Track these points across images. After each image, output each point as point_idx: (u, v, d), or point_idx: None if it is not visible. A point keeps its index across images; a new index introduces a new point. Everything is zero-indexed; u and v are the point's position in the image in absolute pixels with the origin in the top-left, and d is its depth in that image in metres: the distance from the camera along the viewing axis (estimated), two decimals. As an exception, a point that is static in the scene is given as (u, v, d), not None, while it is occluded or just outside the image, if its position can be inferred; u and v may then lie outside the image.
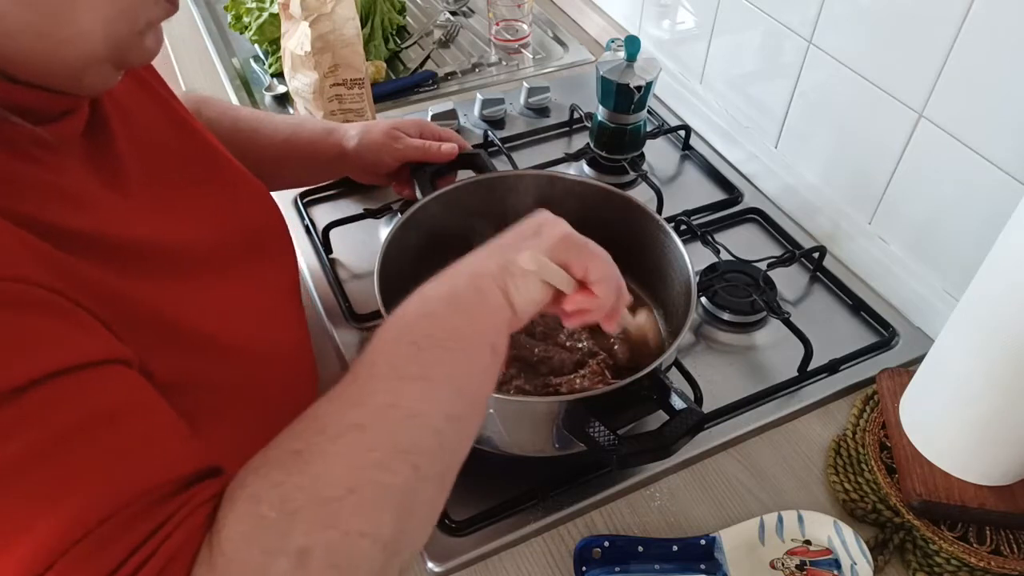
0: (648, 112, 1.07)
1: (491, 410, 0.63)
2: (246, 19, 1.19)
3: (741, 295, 0.86)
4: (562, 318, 0.58)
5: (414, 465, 0.43)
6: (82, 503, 0.36)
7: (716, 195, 1.02)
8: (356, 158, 0.83)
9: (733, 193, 1.02)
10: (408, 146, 0.83)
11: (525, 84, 1.14)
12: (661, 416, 0.62)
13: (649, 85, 0.95)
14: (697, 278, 0.72)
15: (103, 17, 0.43)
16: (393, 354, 0.46)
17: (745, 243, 0.95)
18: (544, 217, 0.57)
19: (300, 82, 0.98)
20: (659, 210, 0.95)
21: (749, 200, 1.01)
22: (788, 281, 0.90)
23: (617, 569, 0.65)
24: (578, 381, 0.70)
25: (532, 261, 0.52)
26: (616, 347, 0.74)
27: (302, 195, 0.99)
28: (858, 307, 0.88)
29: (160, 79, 0.64)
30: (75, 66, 0.44)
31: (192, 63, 1.25)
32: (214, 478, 0.42)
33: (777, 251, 0.93)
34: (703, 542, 0.67)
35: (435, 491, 0.45)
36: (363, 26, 1.18)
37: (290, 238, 0.70)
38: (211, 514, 0.39)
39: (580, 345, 0.74)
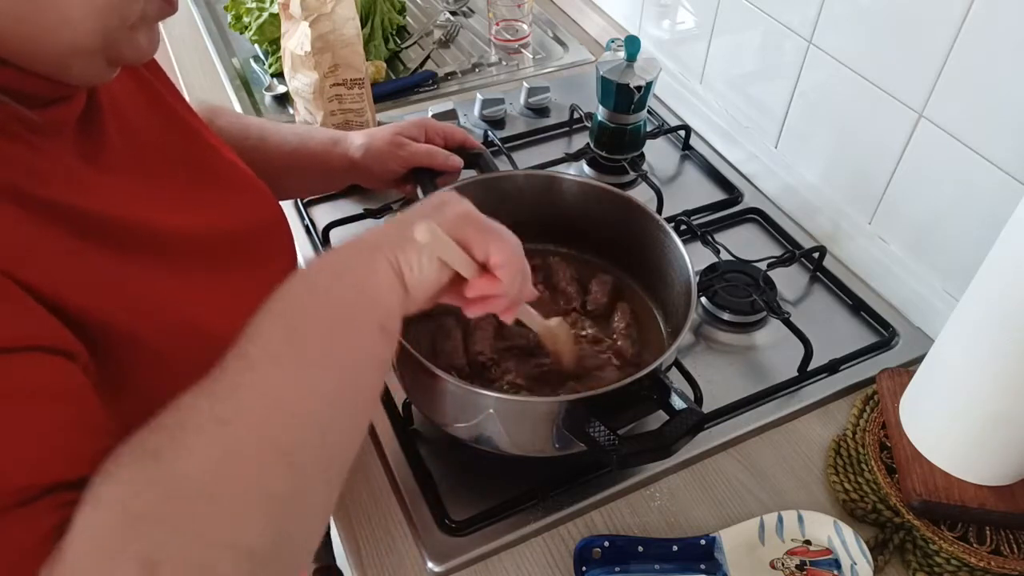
0: (648, 112, 1.07)
1: (491, 410, 0.63)
2: (246, 19, 1.19)
3: (741, 295, 0.86)
4: (462, 307, 0.54)
5: (289, 463, 0.39)
6: None
7: (716, 195, 1.02)
8: (364, 168, 0.83)
9: (733, 193, 1.02)
10: (414, 153, 0.83)
11: (525, 84, 1.14)
12: (661, 416, 0.62)
13: (649, 85, 0.95)
14: (697, 278, 0.72)
15: (92, 7, 0.42)
16: (266, 337, 0.43)
17: (745, 243, 0.95)
18: (448, 195, 0.53)
19: (300, 82, 0.98)
20: (659, 210, 0.95)
21: (749, 200, 1.01)
22: (788, 281, 0.90)
23: (617, 569, 0.65)
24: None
25: (426, 232, 0.47)
26: (620, 343, 0.74)
27: (302, 195, 0.99)
28: (858, 307, 0.88)
29: (166, 80, 0.63)
30: (61, 54, 0.43)
31: (192, 63, 1.25)
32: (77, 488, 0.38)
33: (777, 251, 0.93)
34: (703, 542, 0.67)
35: (320, 489, 0.42)
36: (363, 26, 1.18)
37: (292, 240, 0.69)
38: (55, 527, 0.36)
39: (584, 334, 0.74)
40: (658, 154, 1.09)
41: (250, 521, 0.37)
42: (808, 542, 0.67)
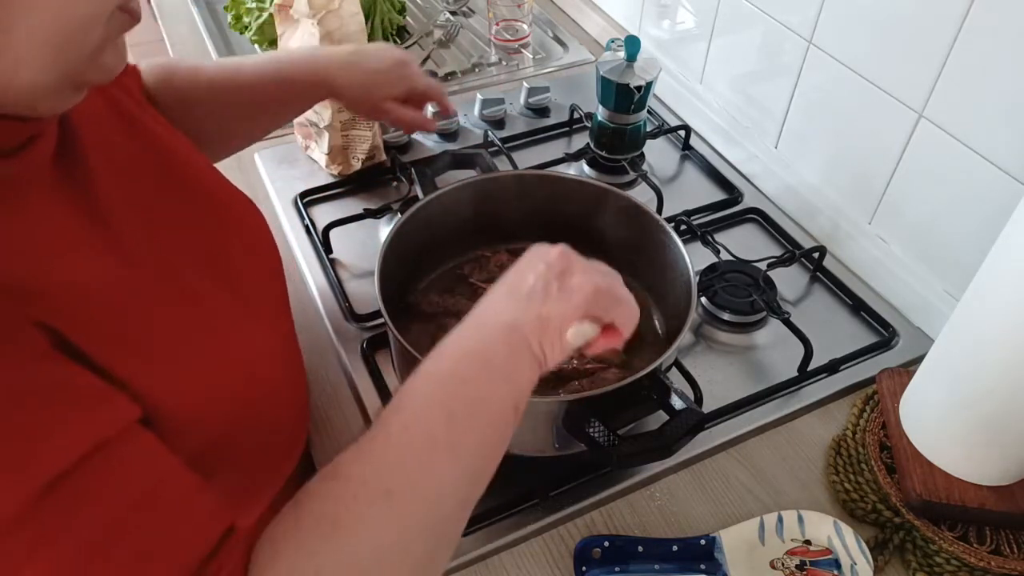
0: (648, 112, 1.07)
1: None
2: (246, 19, 1.19)
3: (741, 295, 0.86)
4: (588, 350, 0.58)
5: (436, 534, 0.45)
6: None
7: (716, 195, 1.02)
8: (347, 100, 0.84)
9: (733, 193, 1.02)
10: (397, 118, 0.85)
11: (525, 84, 1.14)
12: (661, 416, 0.62)
13: (649, 85, 0.95)
14: (697, 278, 0.72)
15: (45, 44, 0.39)
16: (426, 419, 0.47)
17: (745, 243, 0.95)
18: (560, 260, 0.55)
19: (301, 82, 0.98)
20: (659, 210, 0.95)
21: (749, 200, 1.01)
22: (788, 281, 0.90)
23: (617, 569, 0.65)
24: (574, 362, 0.70)
25: (579, 337, 0.53)
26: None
27: (302, 195, 0.99)
28: (858, 307, 0.88)
29: (135, 95, 0.61)
30: (25, 94, 0.41)
31: (192, 63, 1.25)
32: (233, 538, 0.42)
33: (777, 251, 0.93)
34: (703, 542, 0.67)
35: (448, 551, 0.48)
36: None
37: (276, 248, 0.68)
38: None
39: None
40: (658, 154, 1.09)
41: None
42: (808, 542, 0.67)
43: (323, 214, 0.97)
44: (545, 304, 0.52)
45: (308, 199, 0.99)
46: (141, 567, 0.38)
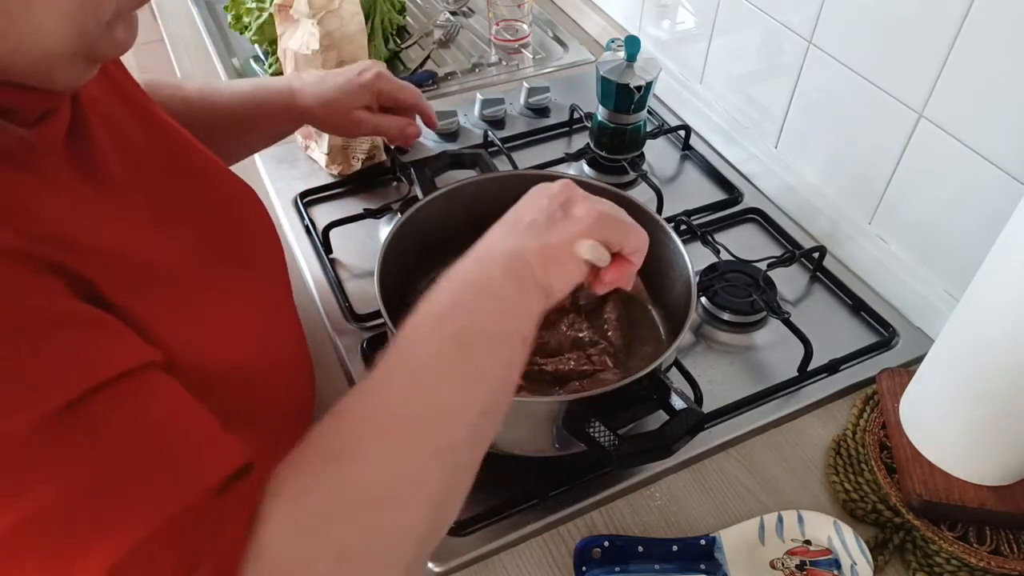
0: (648, 112, 1.07)
1: (491, 410, 0.63)
2: (246, 19, 1.19)
3: (741, 295, 0.86)
4: (591, 286, 0.57)
5: (449, 463, 0.44)
6: (135, 524, 0.37)
7: (716, 195, 1.02)
8: (322, 127, 0.85)
9: (733, 193, 1.02)
10: (374, 127, 0.84)
11: (525, 84, 1.14)
12: (661, 416, 0.62)
13: (649, 85, 0.95)
14: (697, 278, 0.72)
15: (63, 12, 0.41)
16: (428, 349, 0.46)
17: (745, 243, 0.95)
18: (563, 191, 0.55)
19: (303, 82, 0.98)
20: (659, 210, 0.95)
21: (749, 200, 1.01)
22: (788, 281, 0.90)
23: (617, 569, 0.65)
24: (571, 363, 0.70)
25: (590, 251, 0.51)
26: (610, 334, 0.74)
27: (302, 195, 0.99)
28: (858, 307, 0.88)
29: (134, 82, 0.62)
30: (41, 62, 0.42)
31: (192, 63, 1.25)
32: (248, 475, 0.42)
33: (777, 251, 0.93)
34: (703, 542, 0.67)
35: (465, 482, 0.46)
36: (363, 26, 1.18)
37: (277, 237, 0.68)
38: (251, 518, 0.39)
39: (582, 334, 0.74)
40: (658, 154, 1.09)
41: (419, 513, 0.43)
42: (808, 542, 0.67)
43: (323, 214, 0.97)
44: (549, 233, 0.51)
45: (308, 199, 0.99)
46: (150, 492, 0.38)
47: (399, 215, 0.77)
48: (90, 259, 0.44)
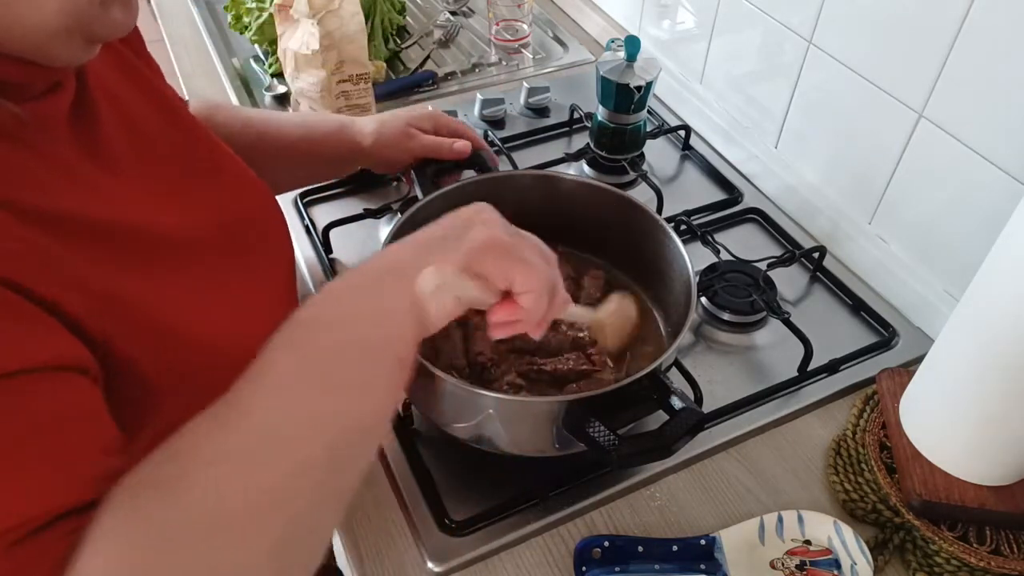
0: (648, 112, 1.07)
1: (491, 410, 0.63)
2: (246, 19, 1.19)
3: (741, 295, 0.86)
4: (488, 330, 0.53)
5: (299, 489, 0.40)
6: None
7: (716, 195, 1.02)
8: (373, 155, 0.83)
9: (733, 193, 1.02)
10: (421, 144, 0.83)
11: (525, 84, 1.14)
12: (661, 416, 0.62)
13: (649, 85, 0.95)
14: (697, 278, 0.72)
15: None
16: (280, 369, 0.43)
17: (745, 243, 0.95)
18: (474, 213, 0.51)
19: (305, 82, 0.98)
20: (659, 210, 0.95)
21: (749, 200, 1.01)
22: (788, 281, 0.90)
23: (617, 569, 0.65)
24: (570, 363, 0.71)
25: (430, 282, 0.46)
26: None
27: (302, 195, 0.98)
28: (858, 307, 0.88)
29: (155, 67, 0.63)
30: (37, 38, 0.43)
31: (192, 63, 1.25)
32: (69, 518, 0.38)
33: (777, 251, 0.93)
34: (703, 542, 0.67)
35: (327, 512, 0.43)
36: (363, 26, 1.18)
37: (288, 232, 0.69)
38: (56, 565, 0.35)
39: (581, 334, 0.74)
40: (658, 154, 1.09)
41: (261, 547, 0.38)
42: (808, 542, 0.67)
43: (323, 214, 0.97)
44: (438, 253, 0.47)
45: (308, 199, 0.99)
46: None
47: (399, 215, 0.77)
48: (79, 232, 0.44)
